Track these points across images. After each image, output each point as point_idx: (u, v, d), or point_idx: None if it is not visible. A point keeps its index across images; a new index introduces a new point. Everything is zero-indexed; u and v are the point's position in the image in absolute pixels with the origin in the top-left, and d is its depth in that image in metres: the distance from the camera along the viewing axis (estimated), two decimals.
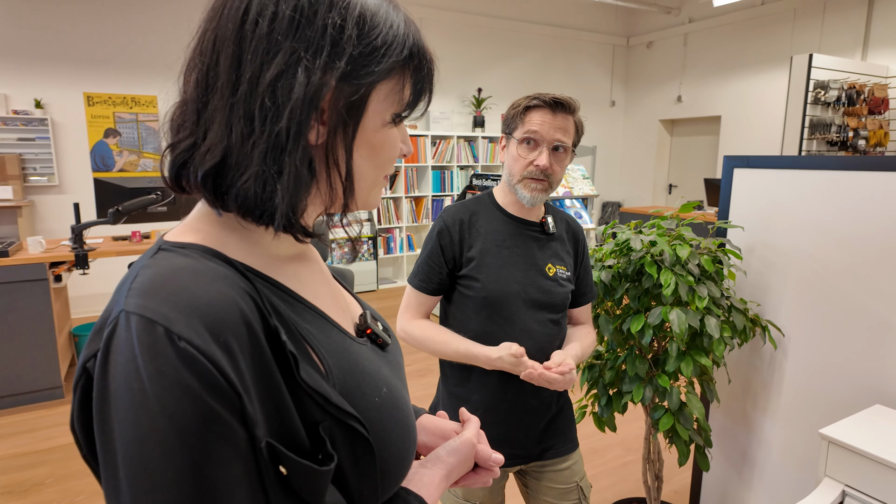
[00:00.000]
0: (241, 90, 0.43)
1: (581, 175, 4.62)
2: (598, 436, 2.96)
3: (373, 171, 0.52)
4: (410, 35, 0.49)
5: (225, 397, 0.38)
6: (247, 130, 0.43)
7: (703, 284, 1.54)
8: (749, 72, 6.25)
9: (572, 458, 1.41)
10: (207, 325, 0.38)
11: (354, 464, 0.47)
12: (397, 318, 1.36)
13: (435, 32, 6.05)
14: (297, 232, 0.47)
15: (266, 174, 0.43)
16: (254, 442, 0.40)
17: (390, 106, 0.49)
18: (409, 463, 0.56)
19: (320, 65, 0.44)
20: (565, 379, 1.16)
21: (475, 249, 1.27)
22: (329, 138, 0.46)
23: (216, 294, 0.40)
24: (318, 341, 0.49)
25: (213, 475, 0.37)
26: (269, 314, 0.44)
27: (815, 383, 1.63)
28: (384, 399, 0.52)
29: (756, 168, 1.73)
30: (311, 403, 0.45)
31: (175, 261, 0.43)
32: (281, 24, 0.43)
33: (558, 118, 1.20)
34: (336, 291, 0.61)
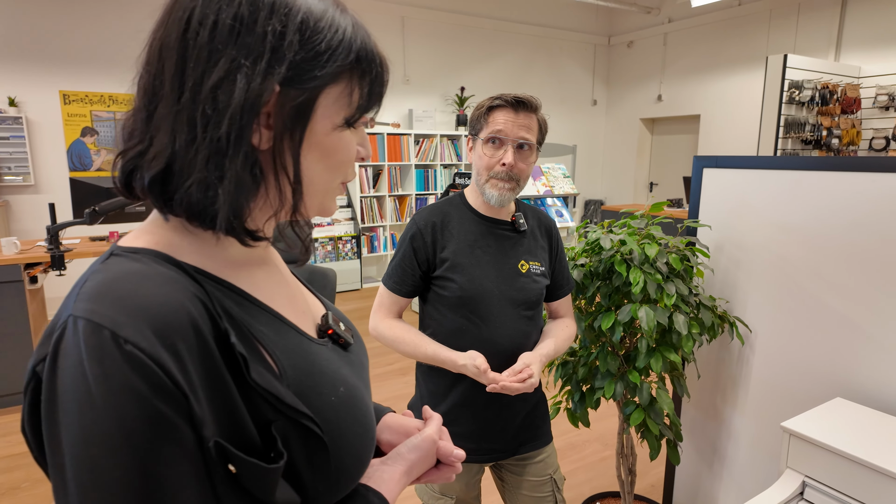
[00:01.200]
0: (185, 98, 0.44)
1: (562, 174, 4.66)
2: (576, 431, 3.00)
3: (326, 174, 0.52)
4: (358, 39, 0.50)
5: (171, 399, 0.39)
6: (190, 137, 0.44)
7: (672, 282, 1.57)
8: (727, 71, 6.35)
9: (546, 451, 1.44)
10: (154, 328, 0.39)
11: (309, 461, 0.48)
12: (370, 317, 1.38)
13: (417, 31, 6.06)
14: (241, 235, 0.48)
15: (208, 180, 0.45)
16: (202, 442, 0.41)
17: (340, 110, 0.50)
18: (367, 460, 0.57)
19: (260, 71, 0.44)
20: (525, 385, 1.18)
21: (448, 250, 1.29)
22: (276, 143, 0.47)
23: (164, 298, 0.41)
24: (272, 342, 0.50)
25: (159, 475, 0.39)
26: (219, 317, 0.45)
27: (780, 377, 1.68)
28: (341, 398, 0.53)
29: (724, 168, 1.77)
30: (262, 403, 0.46)
31: (125, 266, 0.44)
32: (221, 33, 0.44)
33: (521, 117, 1.23)
34: (296, 293, 0.62)
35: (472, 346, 1.25)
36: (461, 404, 1.31)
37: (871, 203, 1.44)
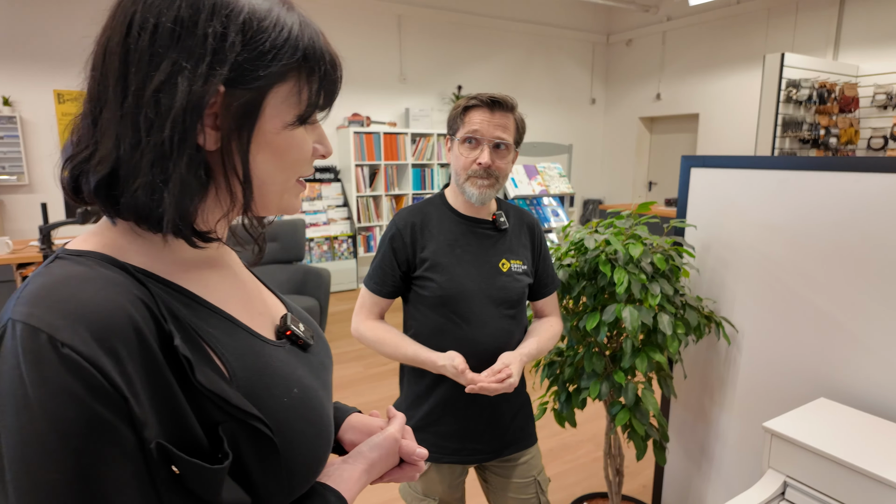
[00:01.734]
0: (128, 102, 0.44)
1: (558, 173, 4.65)
2: (570, 432, 2.99)
3: (280, 173, 0.52)
4: (305, 37, 0.49)
5: (110, 401, 0.39)
6: (134, 141, 0.44)
7: (657, 282, 1.56)
8: (725, 70, 6.33)
9: (530, 452, 1.43)
10: (93, 331, 0.39)
11: (260, 462, 0.48)
12: (352, 318, 1.37)
13: (413, 30, 6.05)
14: (188, 237, 0.48)
15: (153, 183, 0.45)
16: (143, 443, 0.40)
17: (290, 108, 0.50)
18: (323, 461, 0.57)
19: (202, 73, 0.44)
20: (503, 385, 1.18)
21: (428, 250, 1.28)
22: (224, 144, 0.47)
23: (104, 301, 0.41)
24: (221, 344, 0.50)
25: (98, 476, 0.38)
26: (163, 319, 0.45)
27: (766, 377, 1.67)
28: (294, 399, 0.53)
29: (711, 167, 1.76)
30: (209, 405, 0.46)
31: (67, 269, 0.43)
32: (162, 36, 0.44)
33: (497, 116, 1.22)
34: (253, 295, 0.62)
35: (454, 345, 1.25)
36: (444, 405, 1.31)
37: (854, 203, 1.43)
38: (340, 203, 5.69)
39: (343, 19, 5.62)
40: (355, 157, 5.50)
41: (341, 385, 3.57)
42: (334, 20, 5.56)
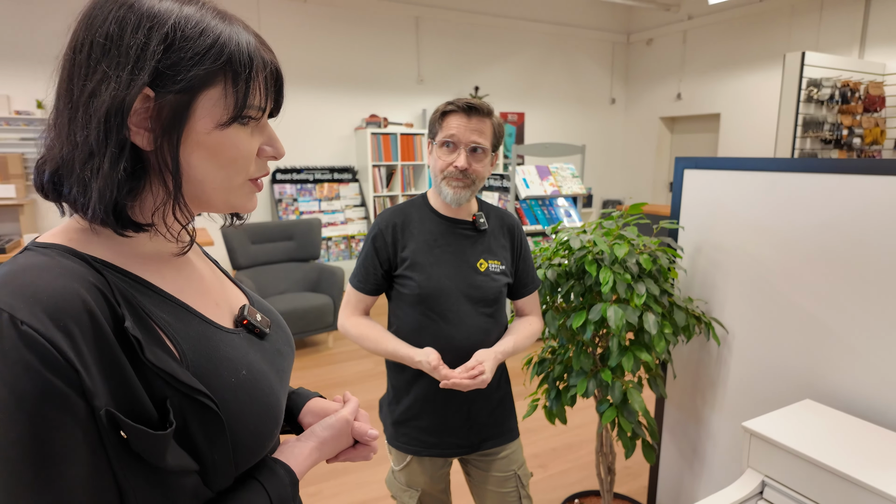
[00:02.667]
0: (70, 109, 0.51)
1: (570, 173, 4.65)
2: (573, 431, 3.01)
3: (218, 171, 0.56)
4: (232, 43, 0.54)
5: (63, 373, 0.44)
6: (71, 143, 0.51)
7: (642, 282, 1.58)
8: (747, 69, 6.23)
9: (510, 447, 1.47)
10: (49, 312, 0.45)
11: (206, 434, 0.54)
12: (339, 314, 1.43)
13: (431, 31, 6.11)
14: (115, 227, 0.53)
15: (84, 178, 0.51)
16: (93, 411, 0.46)
17: (221, 110, 0.54)
18: (268, 437, 0.61)
19: (124, 79, 0.50)
20: (475, 382, 1.22)
21: (408, 250, 1.33)
22: (157, 143, 0.52)
23: (59, 287, 0.47)
24: (173, 328, 0.55)
25: (51, 439, 0.44)
26: (117, 304, 0.51)
27: (755, 378, 1.67)
28: (241, 380, 0.58)
29: (703, 169, 1.77)
30: (158, 381, 0.51)
31: (31, 259, 0.50)
32: (95, 51, 0.51)
33: (473, 121, 1.27)
34: (211, 287, 0.67)
35: (432, 342, 1.30)
36: (423, 399, 1.36)
37: (840, 205, 1.42)
38: (358, 203, 5.78)
39: (361, 22, 5.71)
40: (372, 157, 5.59)
41: (352, 381, 3.65)
42: (352, 23, 5.66)
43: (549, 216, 4.50)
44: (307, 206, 5.50)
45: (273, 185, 5.41)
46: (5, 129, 4.38)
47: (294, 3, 5.35)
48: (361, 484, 2.53)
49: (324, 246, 5.50)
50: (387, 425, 1.45)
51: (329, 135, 5.74)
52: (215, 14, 0.55)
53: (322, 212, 5.55)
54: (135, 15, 0.51)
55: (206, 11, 0.54)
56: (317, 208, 5.54)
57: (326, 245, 5.51)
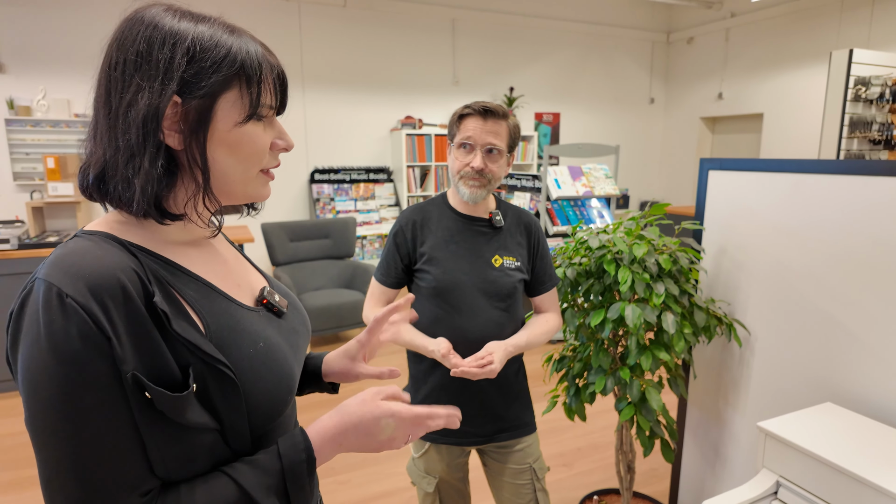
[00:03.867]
0: (110, 118, 0.60)
1: (604, 174, 4.62)
2: (599, 432, 3.01)
3: (239, 165, 0.64)
4: (242, 52, 0.62)
5: (96, 340, 0.53)
6: (113, 147, 0.60)
7: (661, 282, 1.60)
8: (793, 67, 6.03)
9: (526, 441, 1.51)
10: (90, 287, 0.54)
11: (223, 398, 0.61)
12: (364, 305, 1.51)
13: (467, 33, 6.16)
14: (156, 217, 0.62)
15: (128, 176, 0.59)
16: (120, 374, 0.54)
17: (239, 110, 0.62)
18: (282, 402, 0.68)
19: (156, 89, 0.58)
20: (483, 371, 1.27)
21: (427, 245, 1.40)
22: (186, 143, 0.61)
23: (99, 266, 0.56)
24: (198, 304, 0.64)
25: (82, 395, 0.53)
26: (149, 282, 0.59)
27: (777, 380, 1.66)
28: (259, 351, 0.66)
29: (728, 170, 1.77)
30: (183, 350, 0.59)
31: (79, 244, 0.59)
32: (129, 67, 0.59)
33: (489, 123, 1.32)
34: (234, 270, 0.75)
35: (447, 333, 1.36)
36: (439, 388, 1.42)
37: (865, 207, 1.41)
38: (392, 203, 5.89)
39: (398, 25, 5.82)
40: (407, 158, 5.69)
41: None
42: (390, 27, 5.77)
43: (580, 217, 4.49)
44: (343, 205, 5.64)
45: (311, 185, 5.57)
46: (66, 131, 4.67)
47: (333, 8, 5.51)
48: (389, 474, 2.61)
49: (358, 244, 5.63)
50: None
51: (365, 136, 5.87)
52: (225, 28, 0.63)
53: (357, 211, 5.69)
54: (160, 34, 0.59)
55: (217, 27, 0.63)
56: (352, 207, 5.68)
57: (361, 243, 5.65)
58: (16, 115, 4.53)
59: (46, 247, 3.50)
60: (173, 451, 0.58)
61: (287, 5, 5.30)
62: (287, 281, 4.05)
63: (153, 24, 0.60)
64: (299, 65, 5.45)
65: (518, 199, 4.68)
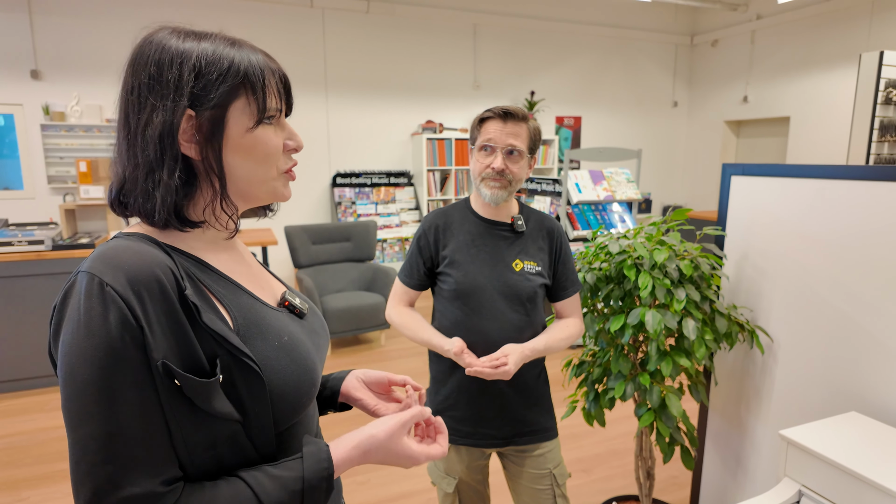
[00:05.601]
0: (130, 137, 0.64)
1: (625, 178, 4.59)
2: (619, 439, 3.00)
3: (257, 167, 0.68)
4: (244, 63, 0.66)
5: (130, 328, 0.57)
6: (133, 163, 0.64)
7: (682, 287, 1.59)
8: (821, 70, 5.92)
9: (547, 446, 1.51)
10: (128, 279, 0.58)
11: (248, 390, 0.65)
12: (387, 304, 1.54)
13: (488, 37, 6.19)
14: (177, 225, 0.66)
15: (148, 189, 0.64)
16: (150, 361, 0.58)
17: (248, 116, 0.66)
18: (305, 394, 0.71)
19: (169, 107, 0.63)
20: (496, 372, 1.28)
21: (449, 249, 1.43)
22: (203, 152, 0.65)
23: (138, 261, 0.60)
24: (227, 300, 0.68)
25: (114, 379, 0.57)
26: (181, 278, 0.63)
27: (801, 388, 1.64)
28: (283, 344, 0.69)
29: (751, 175, 1.76)
30: (212, 342, 0.63)
31: (120, 242, 0.63)
32: (143, 90, 0.64)
33: (509, 125, 1.35)
34: (258, 275, 0.79)
35: (467, 335, 1.38)
36: (458, 389, 1.44)
37: (890, 213, 1.39)
38: (412, 207, 5.93)
39: (420, 30, 5.87)
40: (427, 162, 5.73)
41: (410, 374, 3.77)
42: (412, 32, 5.83)
43: (601, 221, 4.47)
44: (364, 208, 5.70)
45: (333, 189, 5.64)
46: (98, 135, 4.81)
47: (356, 15, 5.58)
48: (409, 475, 2.63)
49: (379, 247, 5.68)
50: None
51: (387, 140, 5.93)
52: (227, 42, 0.67)
53: (378, 214, 5.74)
54: (167, 55, 0.64)
55: (219, 42, 0.66)
56: (373, 211, 5.73)
57: (381, 246, 5.70)
58: (51, 121, 4.68)
59: (78, 248, 3.61)
60: (197, 437, 0.61)
61: (311, 12, 5.39)
62: (309, 283, 4.11)
63: (160, 48, 0.64)
64: (323, 70, 5.53)
65: (538, 203, 4.67)
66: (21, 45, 4.61)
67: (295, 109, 4.37)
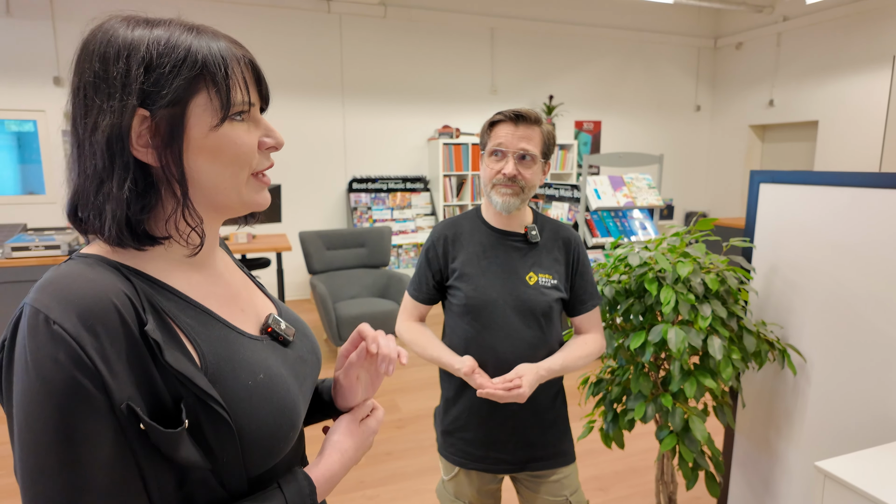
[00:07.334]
0: (78, 147, 0.57)
1: (647, 184, 4.47)
2: (638, 455, 2.88)
3: (224, 170, 0.60)
4: (203, 49, 0.58)
5: (86, 369, 0.50)
6: (83, 175, 0.57)
7: (708, 303, 1.49)
8: (850, 72, 5.72)
9: (563, 472, 1.42)
10: (79, 314, 0.50)
11: (216, 434, 0.57)
12: (397, 318, 1.47)
13: (505, 41, 6.11)
14: (132, 243, 0.58)
15: (98, 204, 0.56)
16: (113, 404, 0.51)
17: (211, 112, 0.58)
18: (284, 438, 0.64)
19: (116, 107, 0.55)
20: (511, 395, 1.20)
21: (458, 261, 1.35)
22: (161, 158, 0.57)
23: (90, 292, 0.52)
24: (195, 332, 0.59)
25: (73, 426, 0.49)
26: (143, 310, 0.55)
27: (837, 413, 1.53)
28: (258, 383, 0.61)
29: (781, 183, 1.65)
30: (176, 381, 0.55)
31: (73, 268, 0.56)
32: (89, 90, 0.56)
33: (521, 129, 1.26)
34: (238, 295, 0.71)
35: (477, 353, 1.30)
36: (469, 410, 1.36)
37: None
38: (428, 212, 5.87)
39: (437, 35, 5.82)
40: (444, 167, 5.67)
41: (413, 387, 3.70)
42: (429, 36, 5.78)
43: (621, 228, 4.35)
44: (380, 214, 5.66)
45: (349, 194, 5.61)
46: None
47: (373, 20, 5.55)
48: (419, 490, 2.55)
49: (394, 253, 5.63)
50: (438, 434, 1.46)
51: (403, 145, 5.89)
52: (183, 29, 0.58)
53: (394, 220, 5.70)
54: (113, 48, 0.56)
55: (174, 28, 0.58)
56: (389, 216, 5.68)
57: (397, 252, 5.64)
58: None
59: None
60: (165, 477, 0.55)
61: (328, 17, 5.38)
62: (322, 289, 4.07)
63: (106, 40, 0.56)
64: (339, 75, 5.51)
65: (556, 209, 4.57)
66: (44, 51, 4.67)
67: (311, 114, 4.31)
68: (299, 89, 5.35)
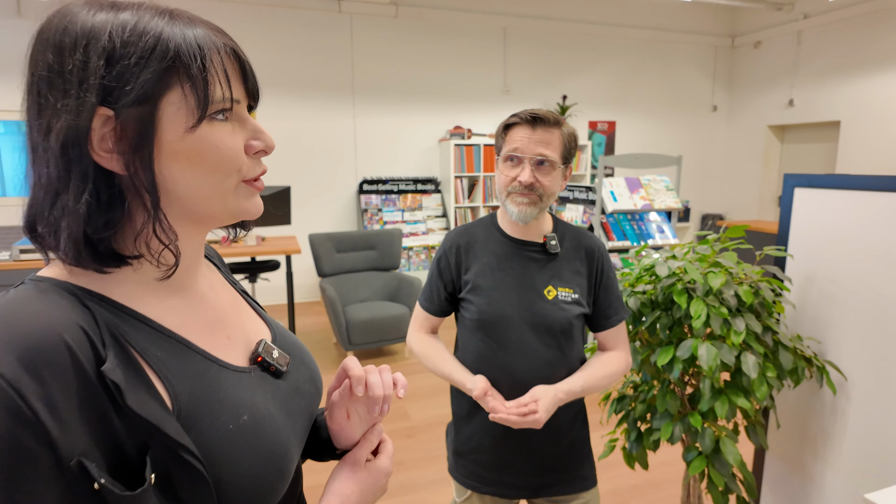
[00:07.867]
0: (32, 153, 0.48)
1: (664, 186, 4.35)
2: (658, 469, 2.77)
3: (205, 178, 0.52)
4: (176, 36, 0.49)
5: (26, 422, 0.41)
6: (37, 186, 0.48)
7: (741, 317, 1.39)
8: (875, 71, 5.55)
9: (584, 497, 1.33)
10: (19, 355, 0.42)
11: (189, 488, 0.48)
12: (408, 329, 1.39)
13: (518, 41, 6.02)
14: (92, 265, 0.49)
15: (53, 219, 0.47)
16: (61, 462, 0.42)
17: (187, 111, 0.49)
18: (271, 489, 0.55)
19: (73, 106, 0.46)
20: (525, 420, 1.11)
21: (471, 272, 1.26)
22: (129, 164, 0.48)
23: (35, 327, 0.43)
24: (168, 368, 0.50)
25: (14, 489, 0.41)
26: (102, 345, 0.46)
27: (881, 435, 1.42)
28: (241, 426, 0.53)
29: (819, 188, 1.54)
30: (141, 429, 0.47)
31: (19, 296, 0.47)
32: (42, 86, 0.47)
33: (538, 133, 1.16)
34: (224, 319, 0.61)
35: (491, 371, 1.21)
36: (482, 431, 1.27)
37: None
38: (439, 214, 5.79)
39: (449, 35, 5.73)
40: (455, 168, 5.58)
41: (425, 394, 3.61)
42: (440, 36, 5.70)
43: (638, 232, 4.23)
44: (391, 216, 5.58)
45: (360, 196, 5.54)
46: None
47: (385, 19, 5.48)
48: (430, 503, 2.47)
49: (405, 255, 5.55)
50: (449, 453, 1.37)
51: (414, 146, 5.81)
52: (155, 13, 0.49)
53: (404, 222, 5.62)
54: (69, 37, 0.47)
55: (143, 12, 0.49)
56: (399, 218, 5.61)
57: (407, 254, 5.56)
58: None
59: None
60: None
61: (339, 17, 5.31)
62: (332, 293, 4.00)
63: (63, 27, 0.47)
64: (350, 75, 5.45)
65: (570, 211, 4.47)
66: None
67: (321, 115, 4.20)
68: (309, 89, 5.29)
